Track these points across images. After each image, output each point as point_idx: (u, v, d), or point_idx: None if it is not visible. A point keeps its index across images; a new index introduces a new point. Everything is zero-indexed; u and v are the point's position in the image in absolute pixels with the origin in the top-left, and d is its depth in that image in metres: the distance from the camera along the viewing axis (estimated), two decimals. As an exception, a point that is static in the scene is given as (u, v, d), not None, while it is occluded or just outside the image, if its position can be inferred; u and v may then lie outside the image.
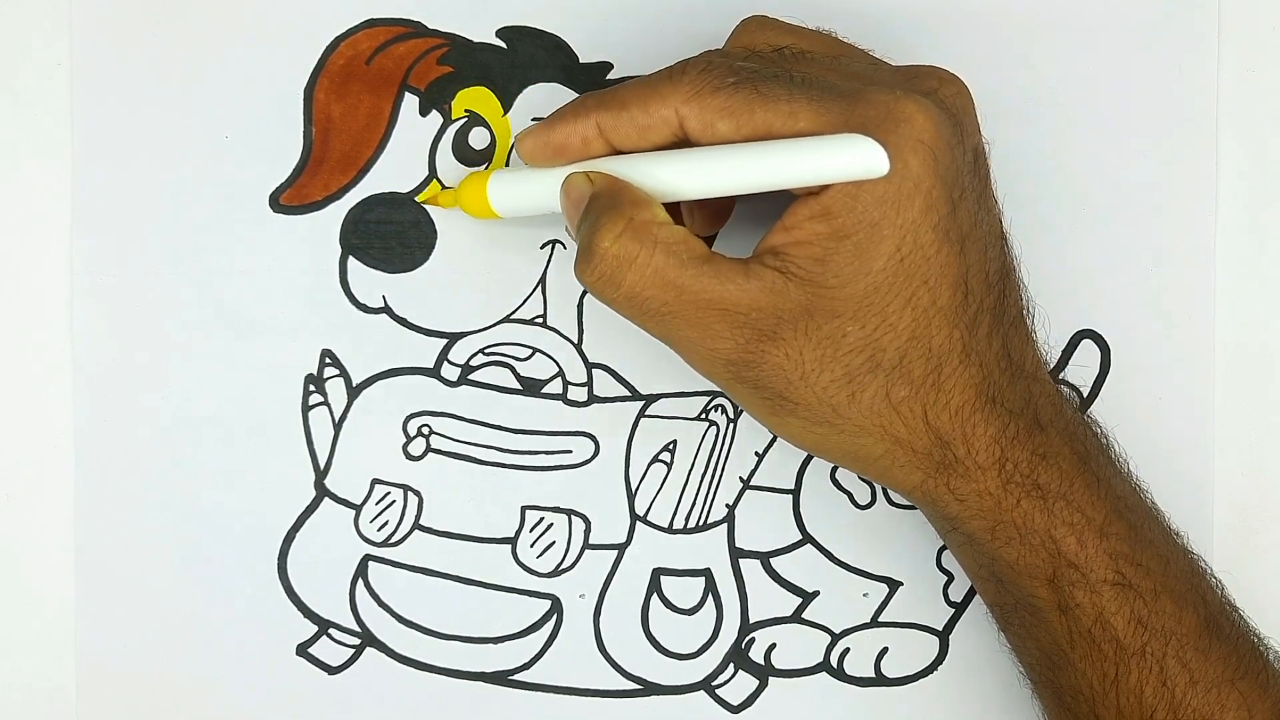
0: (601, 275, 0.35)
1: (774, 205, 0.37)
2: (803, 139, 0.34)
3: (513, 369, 0.43)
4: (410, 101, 0.42)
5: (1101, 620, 0.37)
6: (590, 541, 0.43)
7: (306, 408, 0.43)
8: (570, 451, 0.43)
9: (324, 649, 0.43)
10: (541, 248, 0.43)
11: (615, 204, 0.35)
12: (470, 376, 0.43)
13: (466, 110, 0.43)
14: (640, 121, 0.36)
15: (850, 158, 0.34)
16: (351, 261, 0.43)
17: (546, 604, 0.43)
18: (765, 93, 0.34)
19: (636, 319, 0.36)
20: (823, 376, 0.35)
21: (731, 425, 0.43)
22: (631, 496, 0.43)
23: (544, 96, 0.42)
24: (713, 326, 0.35)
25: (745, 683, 0.43)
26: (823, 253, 0.35)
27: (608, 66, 0.43)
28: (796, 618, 0.43)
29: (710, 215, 0.40)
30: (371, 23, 0.42)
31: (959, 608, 0.43)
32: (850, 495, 0.43)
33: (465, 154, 0.43)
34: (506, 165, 0.42)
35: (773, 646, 0.43)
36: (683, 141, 0.36)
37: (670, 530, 0.43)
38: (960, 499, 0.37)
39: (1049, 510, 0.36)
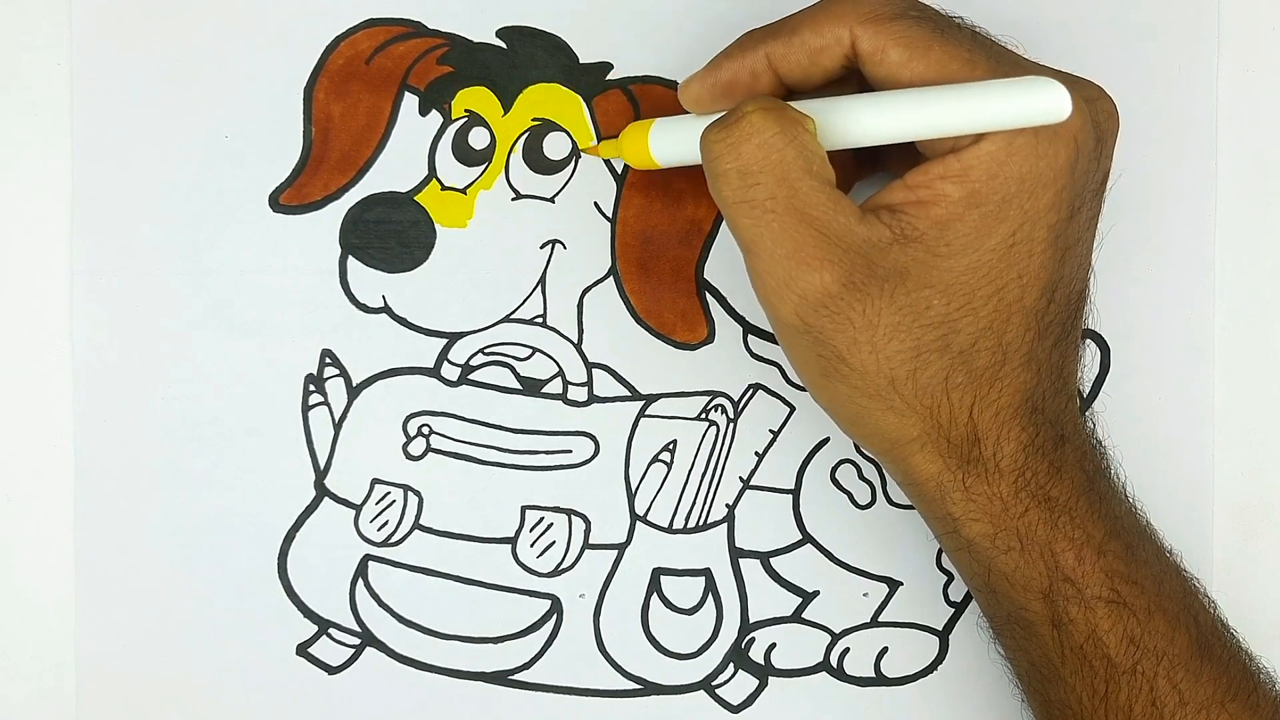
0: (729, 136, 0.34)
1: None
2: (988, 82, 0.33)
3: (513, 369, 0.43)
4: (410, 101, 0.42)
5: (1094, 637, 0.36)
6: (590, 541, 0.43)
7: (306, 408, 0.43)
8: (570, 451, 0.43)
9: (324, 649, 0.43)
10: (541, 248, 0.43)
11: (775, 100, 0.35)
12: (470, 376, 0.43)
13: (466, 110, 0.43)
14: (812, 44, 0.35)
15: (1040, 99, 0.32)
16: (351, 261, 0.43)
17: (546, 604, 0.43)
18: (947, 35, 0.34)
19: (735, 203, 0.35)
20: (891, 344, 0.35)
21: (731, 425, 0.43)
22: (631, 496, 0.43)
23: (544, 96, 0.42)
24: (806, 249, 0.34)
25: (745, 682, 0.43)
26: (946, 216, 0.34)
27: (608, 66, 0.43)
28: (796, 617, 0.43)
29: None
30: (371, 23, 0.42)
31: (959, 607, 0.43)
32: (850, 495, 0.43)
33: (465, 154, 0.43)
34: (506, 168, 0.43)
35: (773, 646, 0.43)
36: (851, 72, 0.35)
37: (670, 530, 0.43)
38: (971, 498, 0.36)
39: (1053, 523, 0.36)
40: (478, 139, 0.43)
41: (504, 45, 0.43)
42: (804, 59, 0.36)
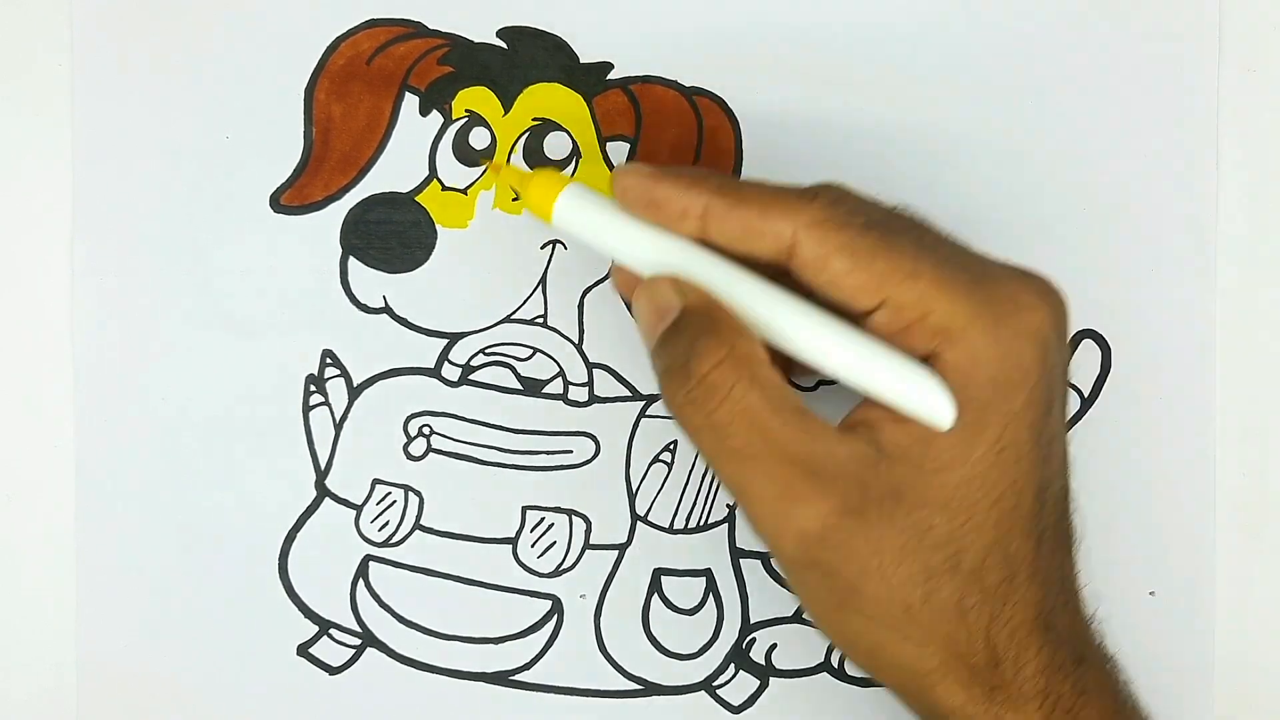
0: (693, 400, 0.33)
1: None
2: (895, 354, 0.33)
3: (513, 369, 0.43)
4: (410, 101, 0.42)
5: None
6: (591, 542, 0.43)
7: (307, 408, 0.43)
8: (571, 451, 0.43)
9: (324, 649, 0.43)
10: (542, 248, 0.43)
11: (716, 329, 0.34)
12: (471, 377, 0.43)
13: (467, 110, 0.43)
14: (752, 225, 0.34)
15: (924, 400, 0.33)
16: (352, 261, 0.43)
17: (547, 604, 0.43)
18: (893, 245, 0.33)
19: (713, 454, 0.34)
20: (900, 570, 0.33)
21: (732, 425, 0.43)
22: (632, 497, 0.43)
23: (544, 96, 0.42)
24: (795, 486, 0.33)
25: (746, 683, 0.43)
26: (925, 433, 0.33)
27: (608, 66, 0.43)
28: (797, 618, 0.43)
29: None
30: (372, 23, 0.42)
31: (959, 608, 0.43)
32: (851, 495, 0.43)
33: (465, 154, 0.43)
34: (511, 160, 0.43)
35: (774, 647, 0.43)
36: (780, 263, 0.34)
37: (671, 530, 0.43)
38: None
39: None
40: (478, 139, 0.43)
41: (504, 45, 0.43)
42: (737, 232, 0.34)
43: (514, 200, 0.42)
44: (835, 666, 0.43)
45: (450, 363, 0.43)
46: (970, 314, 0.33)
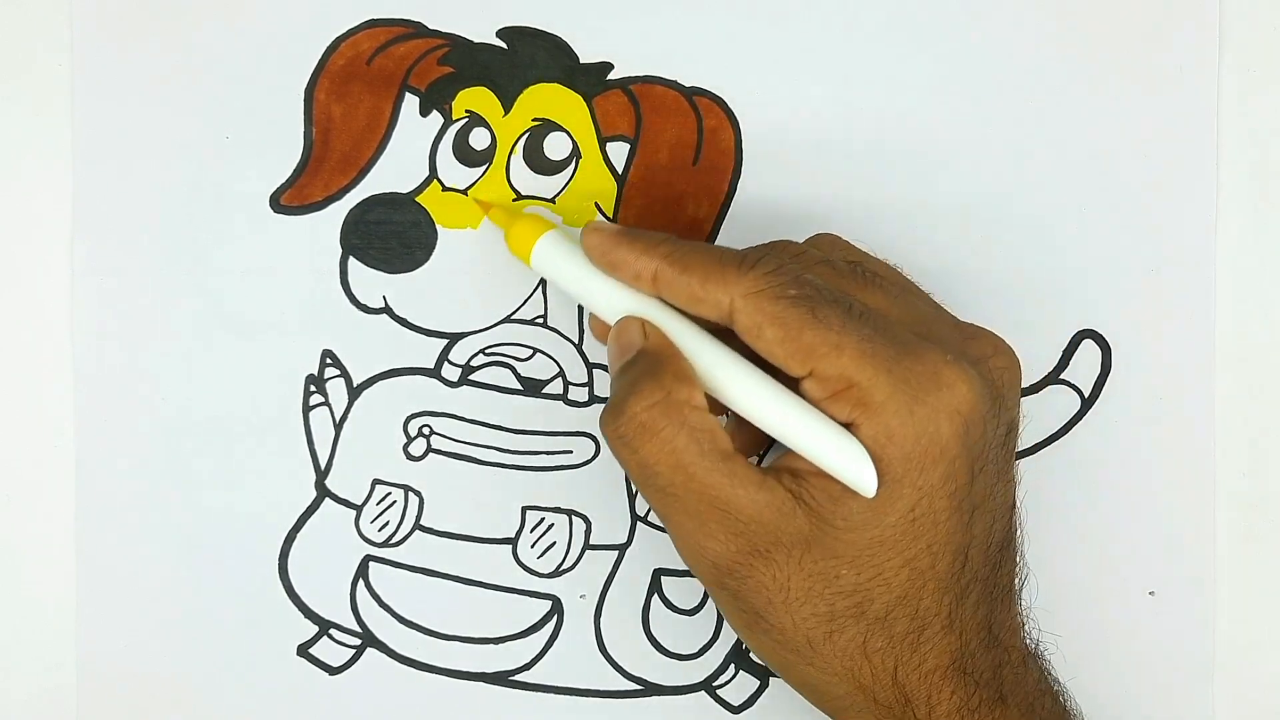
0: (622, 435, 0.35)
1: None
2: (825, 421, 0.35)
3: (513, 369, 0.43)
4: (411, 102, 0.42)
5: None
6: (591, 542, 0.43)
7: (307, 408, 0.43)
8: (571, 452, 0.43)
9: (324, 649, 0.43)
10: (542, 248, 0.43)
11: (658, 372, 0.35)
12: (471, 377, 0.43)
13: (467, 110, 0.43)
14: (695, 293, 0.36)
15: (848, 468, 0.34)
16: (352, 262, 0.43)
17: (547, 604, 0.43)
18: (820, 317, 0.34)
19: (641, 487, 0.36)
20: (804, 608, 0.35)
21: (732, 425, 0.43)
22: (632, 497, 0.43)
23: (544, 97, 0.42)
24: (710, 524, 0.35)
25: (746, 683, 0.43)
26: (840, 493, 0.35)
27: (608, 67, 0.43)
28: (797, 618, 0.43)
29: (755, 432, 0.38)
30: (372, 23, 0.42)
31: (959, 608, 0.43)
32: (851, 495, 0.43)
33: (466, 154, 0.43)
34: (507, 168, 0.42)
35: (773, 647, 0.43)
36: (727, 326, 0.36)
37: (671, 530, 0.43)
38: None
39: None
40: (478, 139, 0.43)
41: (504, 45, 0.43)
42: (683, 298, 0.36)
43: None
44: (835, 666, 0.43)
45: (450, 363, 0.43)
46: (889, 390, 0.34)
